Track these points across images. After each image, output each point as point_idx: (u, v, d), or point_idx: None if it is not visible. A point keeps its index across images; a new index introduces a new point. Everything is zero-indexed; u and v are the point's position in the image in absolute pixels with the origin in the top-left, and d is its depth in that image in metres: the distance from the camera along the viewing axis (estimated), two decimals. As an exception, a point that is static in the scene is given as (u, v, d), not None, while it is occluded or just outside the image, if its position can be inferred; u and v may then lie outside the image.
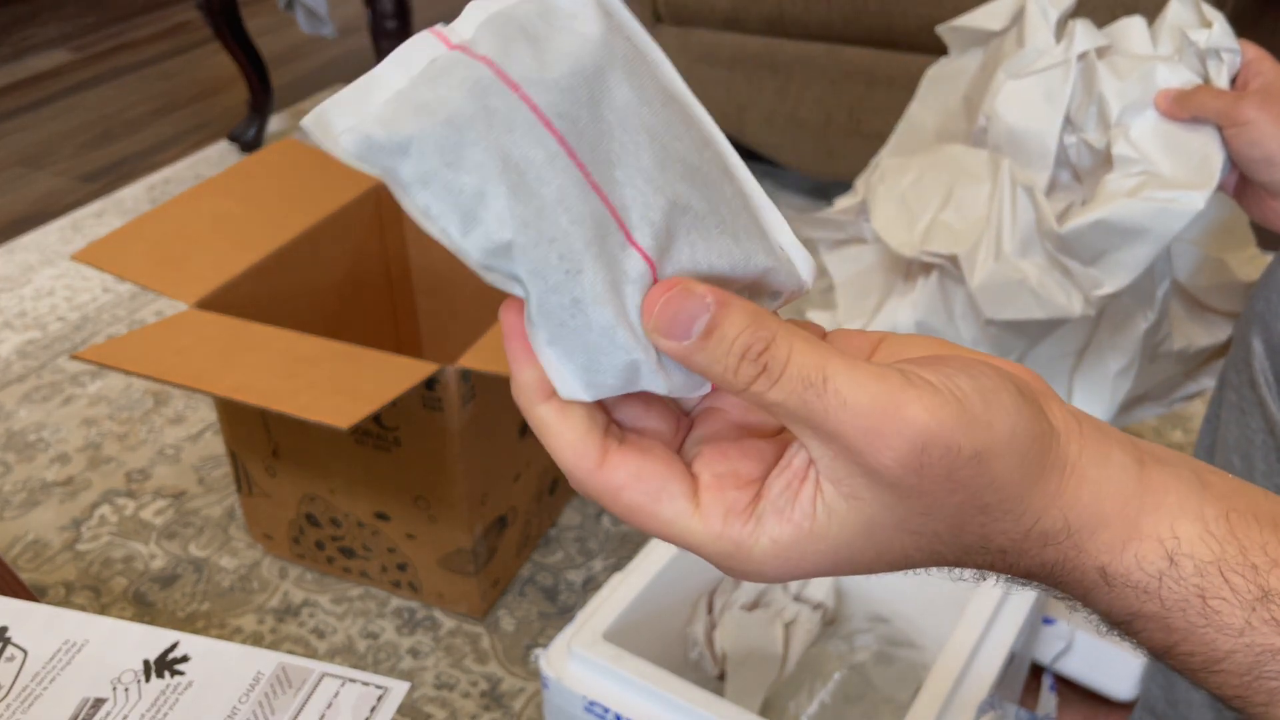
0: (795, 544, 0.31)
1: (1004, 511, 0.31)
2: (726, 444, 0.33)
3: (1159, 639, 0.32)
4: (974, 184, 0.75)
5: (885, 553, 0.31)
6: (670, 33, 1.72)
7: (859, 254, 0.89)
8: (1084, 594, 0.32)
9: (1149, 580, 0.31)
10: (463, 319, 1.27)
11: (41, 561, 1.12)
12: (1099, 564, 0.31)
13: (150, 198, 1.85)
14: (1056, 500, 0.31)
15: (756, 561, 0.31)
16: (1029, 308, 0.73)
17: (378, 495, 1.00)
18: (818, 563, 0.31)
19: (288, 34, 2.61)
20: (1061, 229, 0.71)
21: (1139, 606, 0.31)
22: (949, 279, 0.77)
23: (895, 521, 0.30)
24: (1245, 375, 0.61)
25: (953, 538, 0.31)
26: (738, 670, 0.86)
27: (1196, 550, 0.30)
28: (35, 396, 1.36)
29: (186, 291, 0.98)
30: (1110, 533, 0.31)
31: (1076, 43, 0.74)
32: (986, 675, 0.72)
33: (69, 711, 0.54)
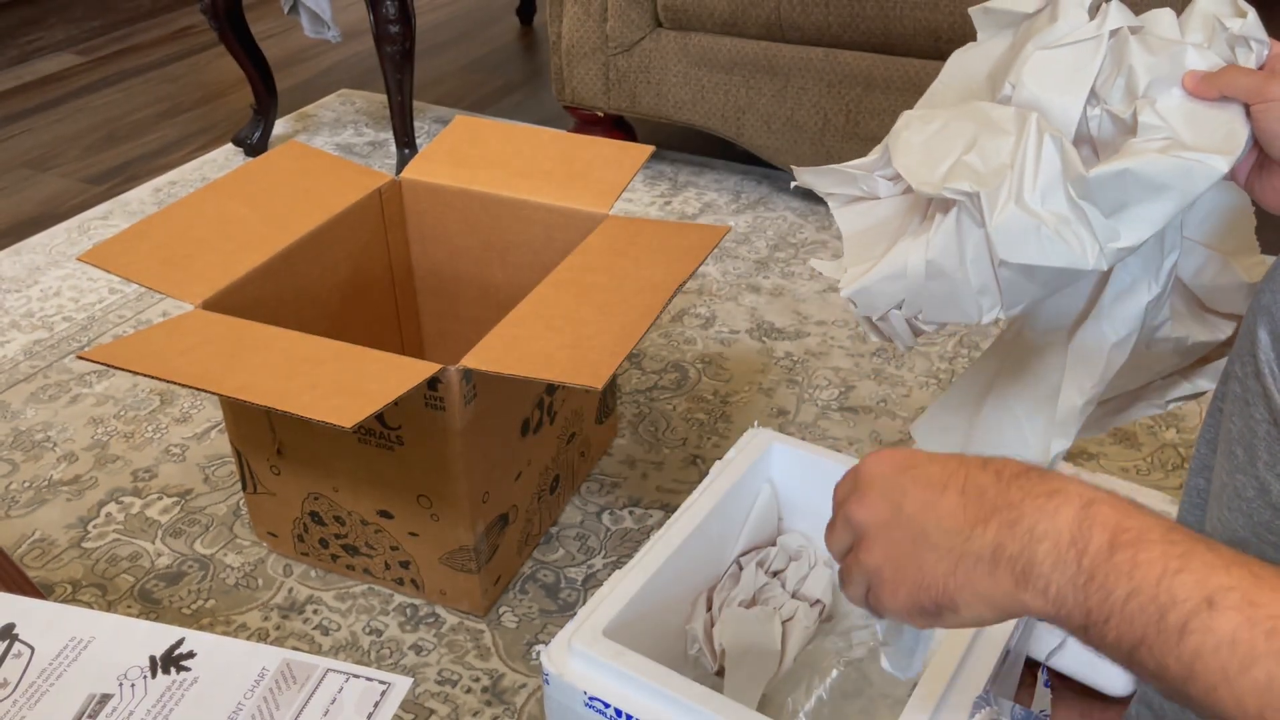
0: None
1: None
2: None
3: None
4: (999, 136, 0.74)
5: None
6: (669, 36, 1.73)
7: (871, 209, 0.87)
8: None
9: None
10: (465, 319, 1.28)
11: (48, 559, 1.13)
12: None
13: (156, 200, 1.86)
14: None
15: None
16: (1043, 254, 0.73)
17: (381, 494, 1.00)
18: None
19: (292, 38, 2.62)
20: (1089, 173, 0.71)
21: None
22: (966, 218, 0.76)
23: None
24: (1250, 366, 0.61)
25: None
26: (736, 666, 0.87)
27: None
28: (42, 396, 1.37)
29: (192, 292, 0.99)
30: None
31: (1110, 20, 0.74)
32: (981, 671, 0.73)
33: (75, 707, 0.55)
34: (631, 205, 1.79)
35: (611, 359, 0.85)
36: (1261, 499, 0.61)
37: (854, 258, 0.85)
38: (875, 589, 0.54)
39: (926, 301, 0.79)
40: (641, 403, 1.33)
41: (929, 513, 0.50)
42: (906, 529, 0.51)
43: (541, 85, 2.34)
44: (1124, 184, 0.70)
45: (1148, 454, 1.23)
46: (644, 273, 0.98)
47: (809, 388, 1.35)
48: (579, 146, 1.20)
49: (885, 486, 0.53)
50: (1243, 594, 0.41)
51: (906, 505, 0.51)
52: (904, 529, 0.51)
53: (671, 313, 1.51)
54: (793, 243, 1.67)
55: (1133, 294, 0.81)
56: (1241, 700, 0.40)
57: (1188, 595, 0.41)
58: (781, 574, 0.94)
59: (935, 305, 0.79)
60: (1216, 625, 0.40)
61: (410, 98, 1.83)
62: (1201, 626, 0.41)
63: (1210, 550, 0.43)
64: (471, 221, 1.20)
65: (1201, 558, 0.42)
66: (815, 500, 0.94)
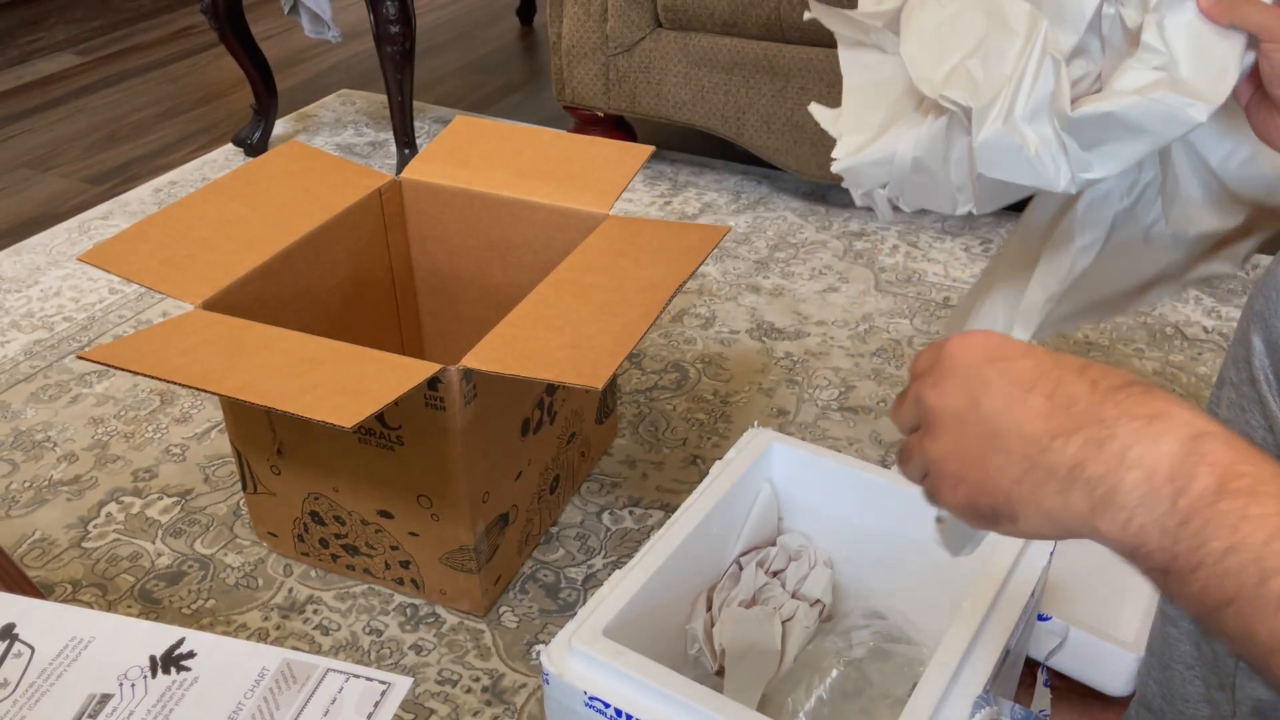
0: None
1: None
2: None
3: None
4: (1007, 38, 0.75)
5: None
6: (669, 37, 1.73)
7: (877, 63, 0.87)
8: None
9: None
10: (465, 319, 1.28)
11: (48, 559, 1.13)
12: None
13: (156, 200, 1.86)
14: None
15: None
16: (1020, 172, 0.74)
17: (381, 493, 1.01)
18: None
19: (292, 38, 2.62)
20: (1073, 113, 0.72)
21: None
22: (956, 126, 0.78)
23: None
24: (1245, 373, 0.61)
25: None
26: (736, 666, 0.87)
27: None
28: (42, 396, 1.37)
29: (192, 292, 0.99)
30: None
31: None
32: (982, 671, 0.73)
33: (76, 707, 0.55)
34: (631, 205, 1.79)
35: (611, 359, 0.86)
36: None
37: (851, 120, 0.87)
38: (934, 479, 0.49)
39: (908, 189, 0.83)
40: (641, 403, 1.33)
41: (1008, 413, 0.46)
42: (981, 426, 0.46)
43: (541, 85, 2.34)
44: (1105, 125, 0.72)
45: (1148, 454, 1.23)
46: (644, 273, 0.99)
47: (809, 388, 1.35)
48: (579, 146, 1.20)
49: (967, 375, 0.48)
50: None
51: (986, 401, 0.47)
52: (978, 425, 0.47)
53: (671, 313, 1.51)
54: (793, 243, 1.67)
55: (1104, 203, 0.84)
56: None
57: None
58: (781, 574, 0.94)
59: (916, 193, 0.83)
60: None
61: (410, 98, 1.83)
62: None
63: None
64: (472, 221, 1.20)
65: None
66: (815, 500, 0.94)
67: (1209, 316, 1.47)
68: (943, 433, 0.49)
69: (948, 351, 0.50)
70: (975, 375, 0.48)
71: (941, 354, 0.50)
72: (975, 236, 1.68)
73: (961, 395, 0.48)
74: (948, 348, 0.50)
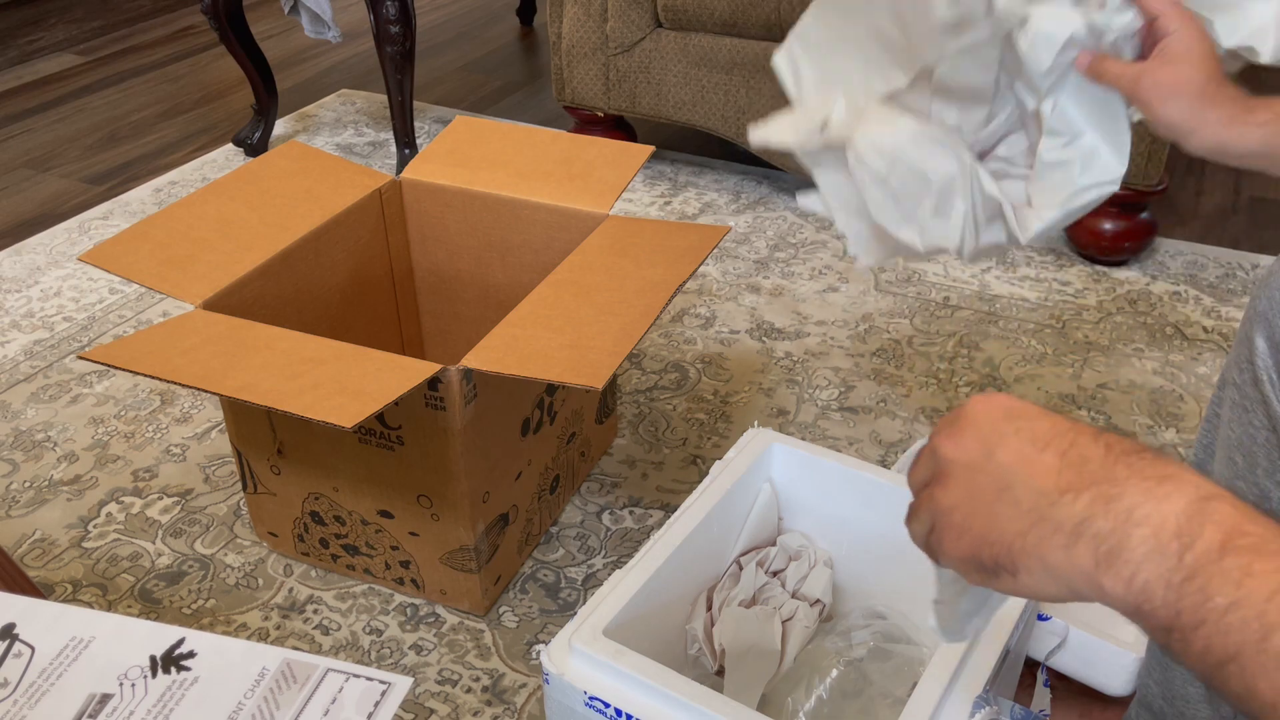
0: None
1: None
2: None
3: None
4: (947, 196, 0.81)
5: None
6: (669, 37, 1.73)
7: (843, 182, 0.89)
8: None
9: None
10: (465, 319, 1.28)
11: (49, 559, 1.13)
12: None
13: (156, 200, 1.86)
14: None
15: None
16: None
17: (381, 493, 1.01)
18: None
19: (292, 38, 2.63)
20: (1024, 241, 0.80)
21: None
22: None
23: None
24: (1249, 373, 0.61)
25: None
26: (736, 666, 0.87)
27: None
28: (43, 396, 1.37)
29: (192, 292, 0.99)
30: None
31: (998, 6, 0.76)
32: (982, 671, 0.73)
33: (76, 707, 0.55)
34: (631, 205, 1.79)
35: (611, 359, 0.86)
36: (1261, 506, 0.61)
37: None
38: (939, 530, 0.50)
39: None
40: (641, 403, 1.33)
41: (1021, 467, 0.46)
42: (992, 477, 0.47)
43: (541, 85, 2.34)
44: (1059, 223, 0.79)
45: (1148, 454, 1.23)
46: (644, 273, 0.99)
47: (809, 388, 1.35)
48: (579, 146, 1.20)
49: (984, 429, 0.49)
50: None
51: (1000, 453, 0.47)
52: (990, 476, 0.47)
53: (671, 313, 1.51)
54: (793, 243, 1.68)
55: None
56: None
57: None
58: (781, 574, 0.94)
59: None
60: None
61: (410, 98, 1.83)
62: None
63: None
64: (472, 221, 1.20)
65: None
66: (815, 500, 0.94)
67: (1209, 316, 1.47)
68: (954, 482, 0.49)
69: (968, 409, 0.51)
70: (993, 429, 0.48)
71: (961, 412, 0.51)
72: (975, 236, 1.68)
73: (977, 446, 0.49)
74: (968, 406, 0.51)
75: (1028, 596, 0.47)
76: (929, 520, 0.51)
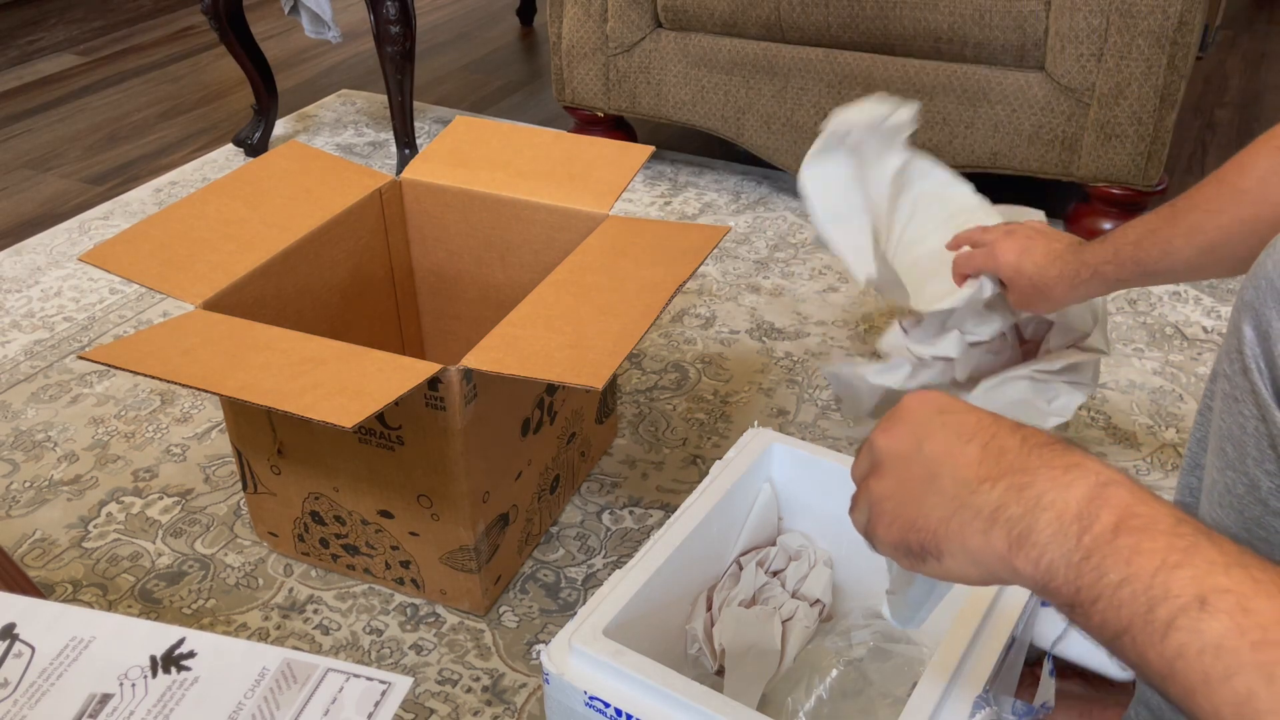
0: None
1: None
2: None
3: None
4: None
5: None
6: (669, 37, 1.73)
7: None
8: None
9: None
10: (465, 319, 1.28)
11: (49, 559, 1.13)
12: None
13: (157, 200, 1.87)
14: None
15: None
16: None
17: (381, 493, 1.01)
18: None
19: (293, 38, 2.63)
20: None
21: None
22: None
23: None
24: (1238, 363, 0.62)
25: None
26: (736, 666, 0.87)
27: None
28: (43, 396, 1.37)
29: (193, 292, 0.99)
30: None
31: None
32: (982, 670, 0.73)
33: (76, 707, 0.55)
34: (631, 205, 1.79)
35: (611, 359, 0.86)
36: (1251, 495, 0.61)
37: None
38: (874, 519, 0.54)
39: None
40: (641, 403, 1.33)
41: (946, 458, 0.50)
42: (921, 467, 0.51)
43: (541, 85, 2.35)
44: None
45: (1147, 454, 1.23)
46: (644, 273, 0.99)
47: (809, 388, 1.35)
48: (579, 146, 1.20)
49: (916, 422, 0.53)
50: (1238, 599, 0.39)
51: (928, 445, 0.52)
52: (919, 466, 0.51)
53: (671, 313, 1.51)
54: (793, 243, 1.68)
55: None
56: (1218, 710, 0.38)
57: (1180, 591, 0.40)
58: (781, 574, 0.94)
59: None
60: (1204, 627, 0.39)
61: (410, 98, 1.84)
62: (1189, 625, 0.40)
63: (1215, 548, 0.41)
64: (472, 221, 1.21)
65: (1204, 554, 0.41)
66: (815, 500, 0.94)
67: (1209, 316, 1.47)
68: (887, 472, 0.54)
69: (903, 405, 0.55)
70: (924, 422, 0.53)
71: (898, 409, 0.55)
72: (975, 236, 1.68)
73: (909, 438, 0.53)
74: (904, 402, 0.55)
75: (952, 580, 0.51)
76: (866, 509, 0.55)
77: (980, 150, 1.59)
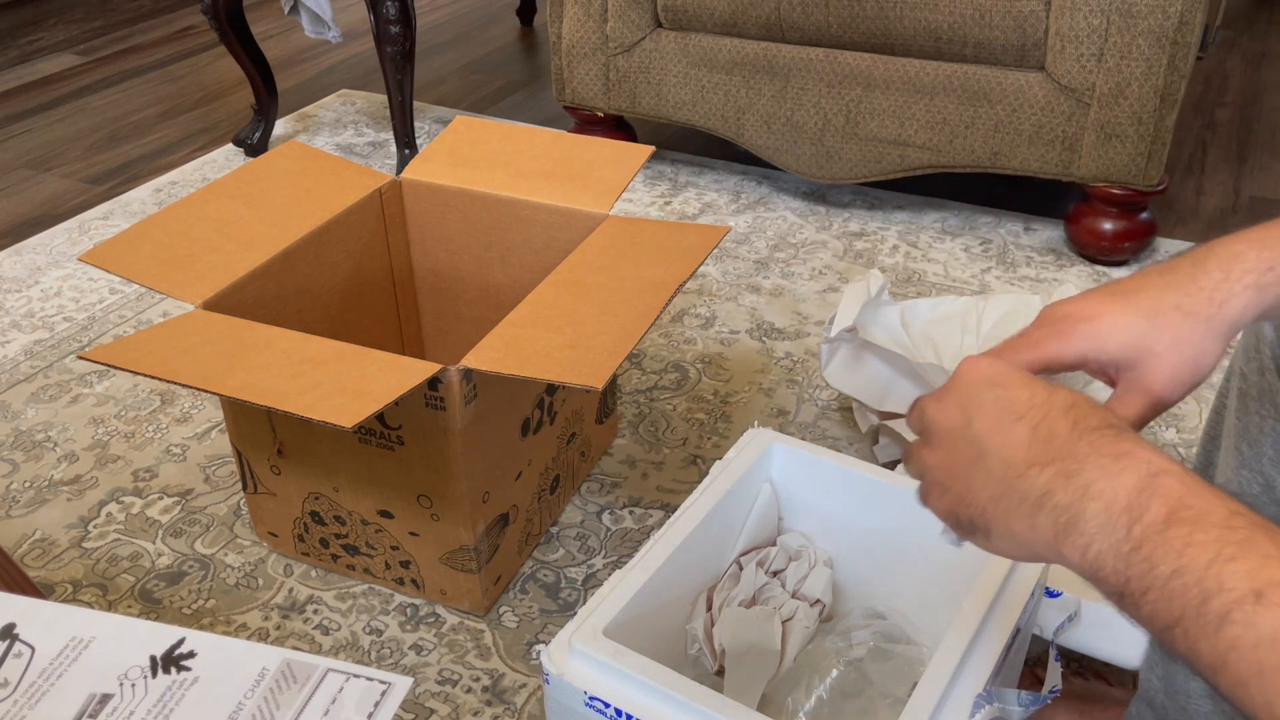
0: None
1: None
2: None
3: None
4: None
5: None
6: (669, 37, 1.73)
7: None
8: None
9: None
10: (465, 319, 1.28)
11: (49, 559, 1.13)
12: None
13: (157, 200, 1.87)
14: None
15: None
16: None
17: (381, 493, 1.01)
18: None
19: (292, 38, 2.63)
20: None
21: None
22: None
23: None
24: (1256, 363, 0.62)
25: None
26: (736, 666, 0.87)
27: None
28: (43, 396, 1.37)
29: (193, 292, 0.99)
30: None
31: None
32: (982, 671, 0.73)
33: (76, 707, 0.55)
34: (631, 205, 1.79)
35: (612, 359, 0.86)
36: (1267, 495, 0.61)
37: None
38: (926, 485, 0.54)
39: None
40: (641, 403, 1.33)
41: (994, 436, 0.49)
42: (969, 444, 0.51)
43: (541, 85, 2.35)
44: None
45: (1148, 454, 1.23)
46: (644, 273, 0.99)
47: (809, 388, 1.35)
48: (579, 146, 1.20)
49: (967, 395, 0.52)
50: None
51: (977, 421, 0.51)
52: (967, 443, 0.51)
53: (671, 313, 1.51)
54: (793, 243, 1.68)
55: None
56: (1271, 703, 0.38)
57: (1235, 584, 0.40)
58: (781, 574, 0.94)
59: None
60: (1260, 620, 0.39)
61: (410, 98, 1.84)
62: (1244, 619, 0.39)
63: (1271, 541, 0.41)
64: (472, 221, 1.20)
65: (1260, 548, 0.40)
66: (815, 500, 0.94)
67: (1209, 316, 1.47)
68: (937, 444, 0.53)
69: (958, 372, 0.54)
70: (974, 396, 0.52)
71: (954, 375, 0.54)
72: (975, 237, 1.68)
73: (958, 412, 0.52)
74: (959, 367, 0.54)
75: (1000, 554, 0.50)
76: (918, 472, 0.55)
77: (980, 150, 1.59)
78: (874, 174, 1.67)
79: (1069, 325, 0.56)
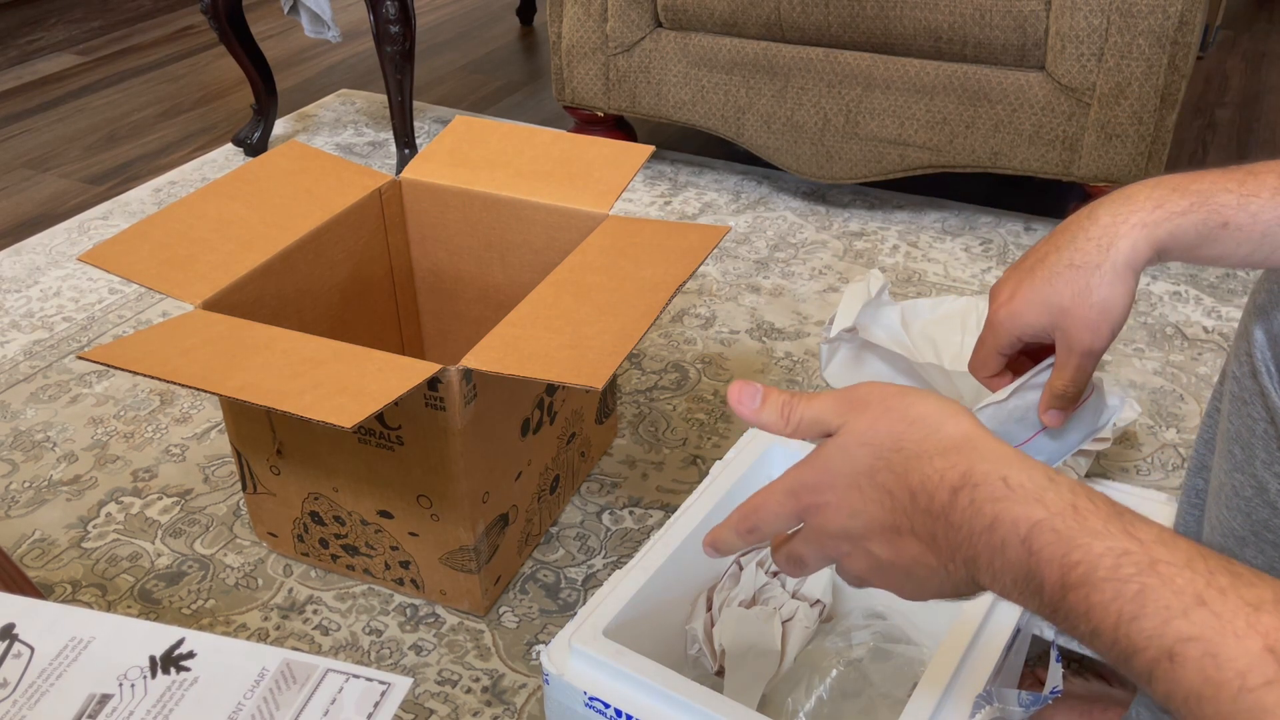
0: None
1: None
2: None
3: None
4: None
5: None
6: (669, 37, 1.73)
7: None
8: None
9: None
10: (465, 319, 1.28)
11: (48, 559, 1.13)
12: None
13: (156, 200, 1.86)
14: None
15: None
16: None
17: (381, 494, 1.01)
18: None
19: (292, 38, 2.62)
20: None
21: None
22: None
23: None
24: (1247, 365, 0.62)
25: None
26: (736, 666, 0.87)
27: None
28: (42, 396, 1.37)
29: (192, 292, 0.99)
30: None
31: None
32: (983, 669, 0.73)
33: (75, 708, 0.55)
34: (631, 205, 1.79)
35: (611, 359, 0.86)
36: (1259, 498, 0.61)
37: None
38: (843, 569, 0.54)
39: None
40: (641, 403, 1.33)
41: (902, 558, 0.50)
42: (891, 569, 0.51)
43: (541, 85, 2.34)
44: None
45: (1148, 454, 1.23)
46: (644, 273, 0.99)
47: (809, 388, 1.35)
48: (579, 146, 1.20)
49: (845, 532, 0.52)
50: (1205, 646, 0.38)
51: (878, 552, 0.51)
52: (889, 569, 0.52)
53: (671, 313, 1.51)
54: (793, 243, 1.67)
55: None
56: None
57: (1145, 645, 0.39)
58: (781, 574, 0.94)
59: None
60: (1180, 678, 0.38)
61: (410, 98, 1.83)
62: (1165, 677, 0.39)
63: (1167, 587, 0.39)
64: (471, 221, 1.20)
65: (1157, 599, 0.39)
66: (815, 500, 0.94)
67: (1209, 316, 1.47)
68: (855, 560, 0.53)
69: (818, 454, 0.53)
70: (850, 532, 0.52)
71: (812, 456, 0.54)
72: (975, 237, 1.68)
73: (859, 555, 0.52)
74: (818, 451, 0.53)
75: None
76: (825, 561, 0.55)
77: (980, 150, 1.59)
78: (874, 174, 1.67)
79: (993, 317, 0.64)
